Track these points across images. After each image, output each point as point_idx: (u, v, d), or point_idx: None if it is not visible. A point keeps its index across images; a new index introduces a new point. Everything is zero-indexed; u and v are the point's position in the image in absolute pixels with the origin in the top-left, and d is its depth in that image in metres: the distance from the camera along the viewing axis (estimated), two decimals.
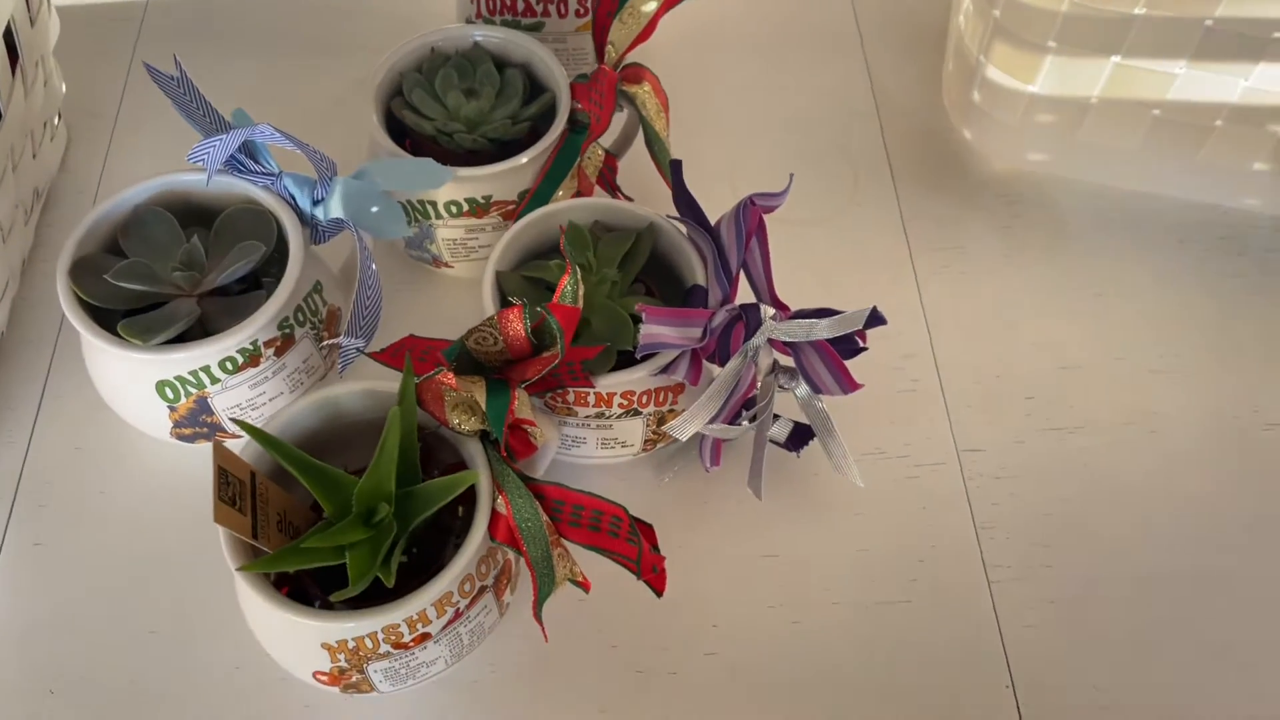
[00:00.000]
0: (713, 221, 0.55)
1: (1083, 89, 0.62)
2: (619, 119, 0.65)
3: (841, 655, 0.54)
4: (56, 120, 0.68)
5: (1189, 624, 0.55)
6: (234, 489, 0.45)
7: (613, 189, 0.66)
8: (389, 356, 0.52)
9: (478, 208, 0.61)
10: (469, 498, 0.49)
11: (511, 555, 0.51)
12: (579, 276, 0.47)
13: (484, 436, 0.49)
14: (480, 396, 0.48)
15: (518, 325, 0.47)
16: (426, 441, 0.51)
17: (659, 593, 0.49)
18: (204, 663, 0.54)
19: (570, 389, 0.53)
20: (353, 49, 0.78)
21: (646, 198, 0.67)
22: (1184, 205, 0.69)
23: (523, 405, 0.49)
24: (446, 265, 0.65)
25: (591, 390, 0.53)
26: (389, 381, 0.50)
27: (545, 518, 0.48)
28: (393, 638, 0.46)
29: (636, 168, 0.67)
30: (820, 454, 0.58)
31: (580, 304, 0.48)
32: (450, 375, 0.47)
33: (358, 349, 0.55)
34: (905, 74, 0.78)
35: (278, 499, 0.48)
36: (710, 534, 0.58)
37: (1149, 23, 0.58)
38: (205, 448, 0.58)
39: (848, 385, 0.53)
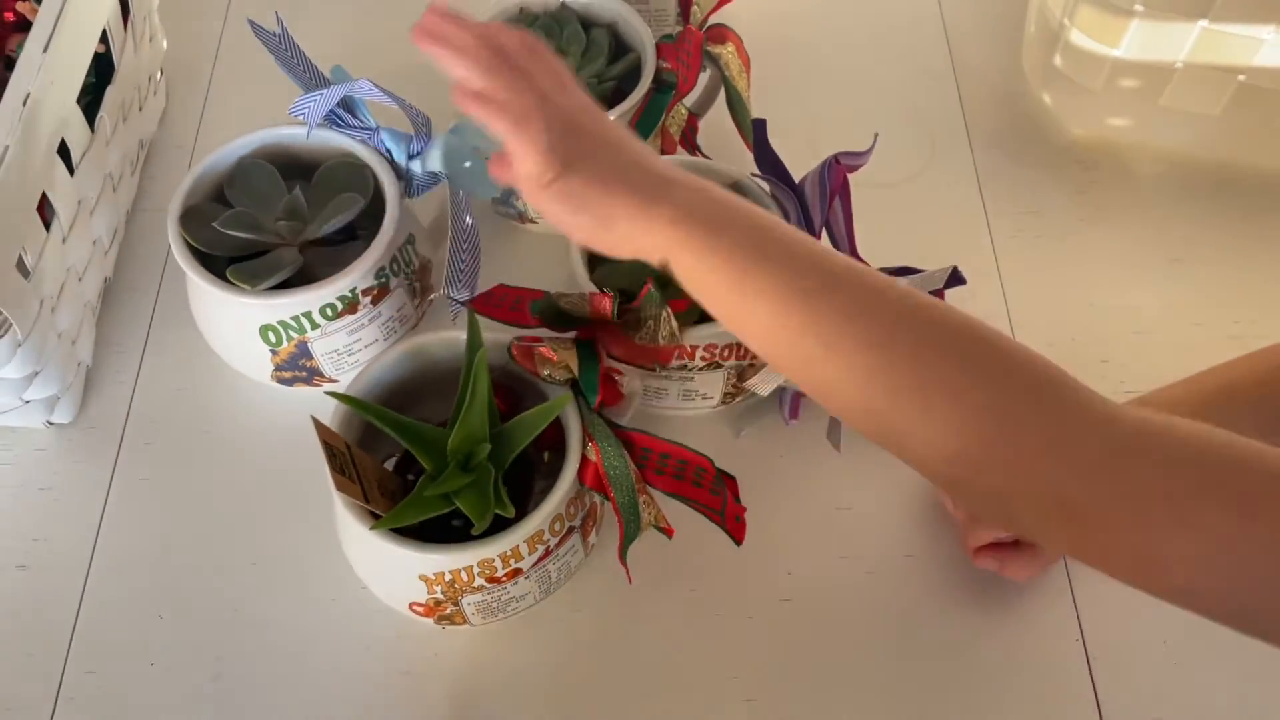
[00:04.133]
0: (795, 180, 0.56)
1: (1167, 54, 0.62)
2: (701, 79, 0.66)
3: (916, 605, 0.56)
4: (159, 75, 0.71)
5: None
6: (340, 460, 0.47)
7: (692, 148, 0.67)
8: (481, 304, 0.55)
9: None
10: (555, 442, 0.51)
11: (598, 499, 0.53)
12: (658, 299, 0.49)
13: (573, 385, 0.51)
14: (573, 364, 0.50)
15: (606, 308, 0.48)
16: (507, 385, 0.53)
17: (738, 541, 0.51)
18: (302, 593, 0.56)
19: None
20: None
21: (723, 157, 0.67)
22: (1265, 173, 0.69)
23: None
24: (531, 221, 0.67)
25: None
26: (462, 332, 0.52)
27: (632, 465, 0.50)
28: (487, 571, 0.49)
29: (714, 128, 0.68)
30: None
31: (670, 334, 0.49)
32: (548, 349, 0.49)
33: (460, 301, 0.57)
34: (983, 37, 0.78)
35: (371, 466, 0.50)
36: (785, 486, 0.59)
37: None
38: (304, 391, 0.60)
39: None
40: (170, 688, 0.54)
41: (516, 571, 0.50)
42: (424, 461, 0.49)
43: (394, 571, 0.50)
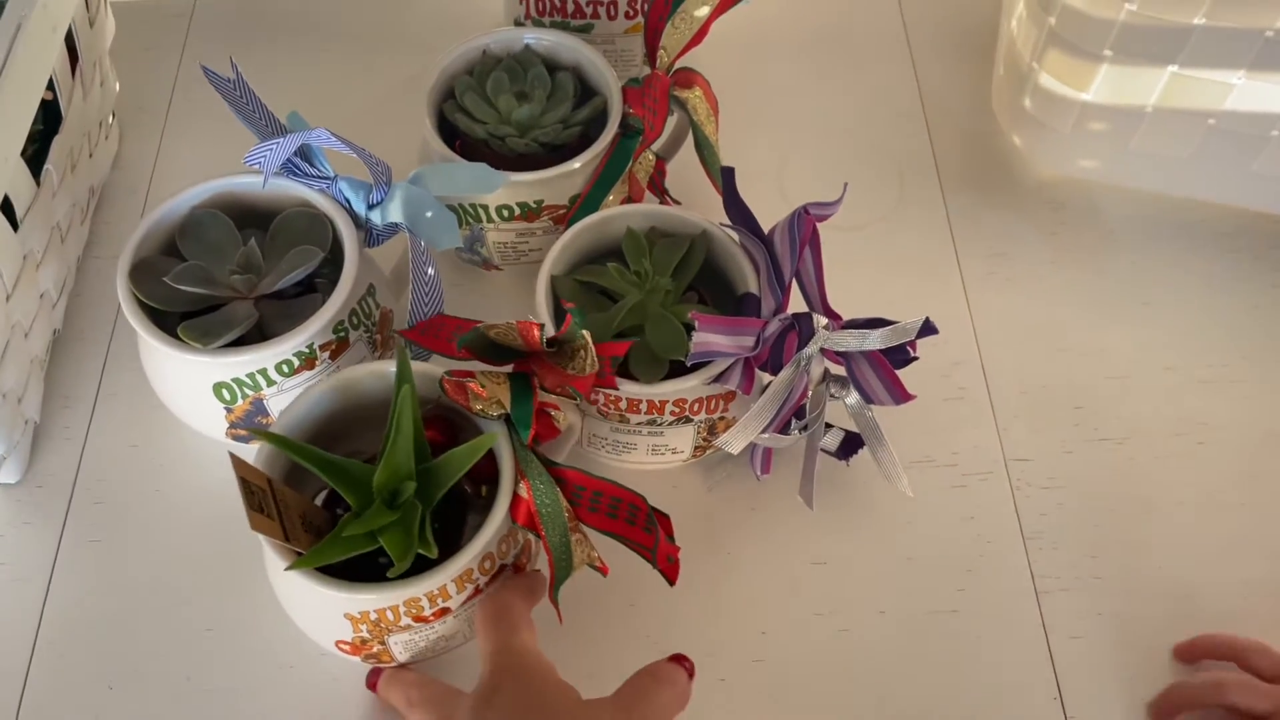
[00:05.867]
0: (764, 230, 0.55)
1: (1137, 98, 0.62)
2: (669, 123, 0.65)
3: (888, 664, 0.54)
4: (111, 119, 0.69)
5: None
6: (258, 497, 0.46)
7: (661, 193, 0.66)
8: (417, 334, 0.53)
9: (529, 212, 0.61)
10: (490, 475, 0.50)
11: (532, 537, 0.52)
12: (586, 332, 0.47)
13: (507, 419, 0.50)
14: (505, 396, 0.49)
15: (534, 335, 0.47)
16: (444, 416, 0.51)
17: (671, 582, 0.50)
18: (259, 660, 0.55)
19: (605, 391, 0.53)
20: (400, 47, 0.79)
21: (692, 201, 0.67)
22: (1236, 214, 0.69)
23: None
24: (496, 268, 0.65)
25: (645, 398, 0.53)
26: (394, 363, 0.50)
27: (565, 503, 0.49)
28: (414, 610, 0.47)
29: (682, 171, 0.67)
30: (869, 462, 0.58)
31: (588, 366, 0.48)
32: (477, 385, 0.47)
33: (420, 350, 0.56)
34: (953, 78, 0.77)
35: (295, 501, 0.49)
36: (759, 540, 0.58)
37: (1208, 33, 0.57)
38: (256, 449, 0.59)
39: (900, 395, 0.53)
40: None
41: (445, 611, 0.48)
42: (349, 499, 0.48)
43: (319, 610, 0.49)
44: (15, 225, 0.55)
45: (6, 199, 0.54)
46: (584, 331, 0.45)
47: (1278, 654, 0.52)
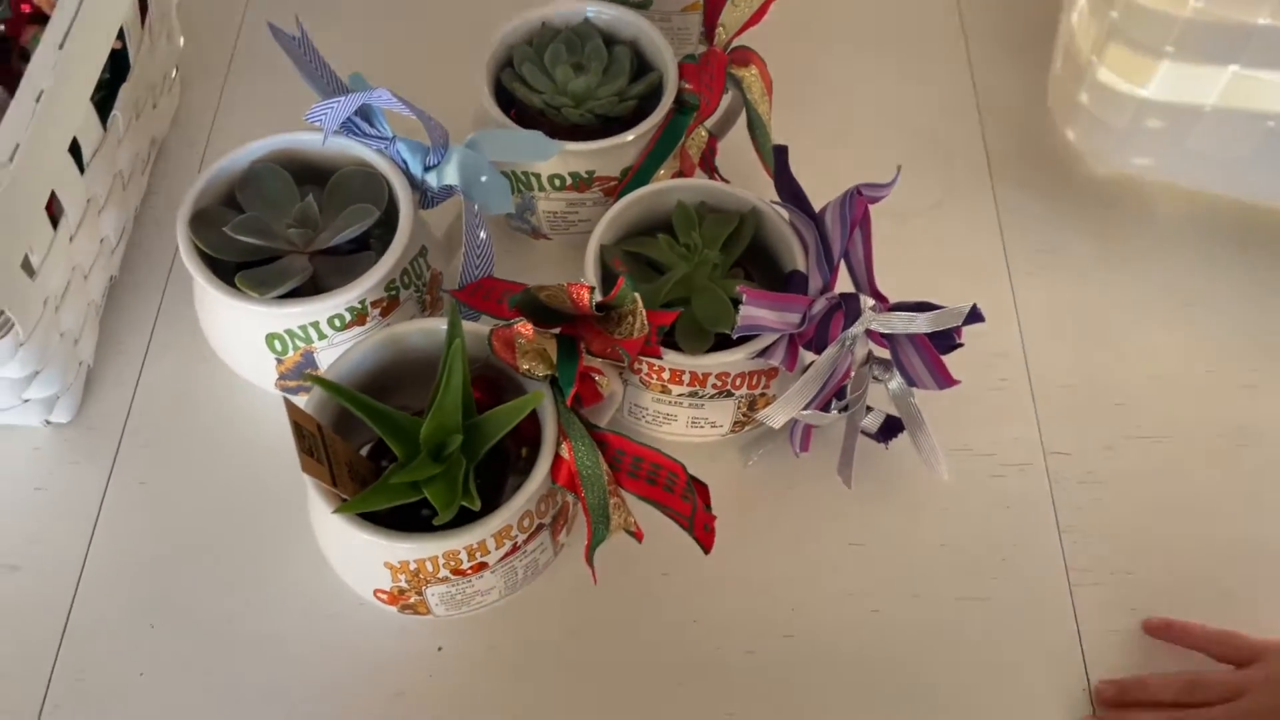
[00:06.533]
0: (815, 209, 0.55)
1: (1196, 96, 0.61)
2: (723, 101, 0.66)
3: (919, 646, 0.55)
4: (174, 73, 0.70)
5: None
6: (309, 441, 0.47)
7: (711, 170, 0.67)
8: (465, 295, 0.54)
9: (580, 182, 0.62)
10: (532, 438, 0.51)
11: (570, 499, 0.53)
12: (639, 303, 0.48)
13: (552, 381, 0.51)
14: (552, 350, 0.49)
15: (584, 298, 0.48)
16: (490, 377, 0.52)
17: (707, 550, 0.50)
18: (299, 609, 0.55)
19: (649, 361, 0.53)
20: (460, 15, 0.79)
21: (740, 179, 0.67)
22: None
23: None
24: (545, 237, 0.66)
25: (688, 369, 0.53)
26: (444, 321, 0.51)
27: (605, 466, 0.49)
28: (452, 563, 0.48)
29: (730, 151, 0.67)
30: (906, 447, 0.58)
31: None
32: (528, 326, 0.48)
33: (469, 310, 0.56)
34: (1008, 70, 0.77)
35: (342, 449, 0.50)
36: (794, 518, 0.58)
37: (1272, 33, 0.57)
38: (303, 400, 0.60)
39: (944, 380, 0.53)
40: (159, 699, 0.53)
41: (482, 565, 0.49)
42: (395, 449, 0.49)
43: (360, 557, 0.50)
44: (81, 169, 0.56)
45: (75, 142, 0.55)
46: (635, 294, 0.45)
47: (1245, 641, 0.52)
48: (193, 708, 0.53)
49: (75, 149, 0.55)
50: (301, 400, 0.50)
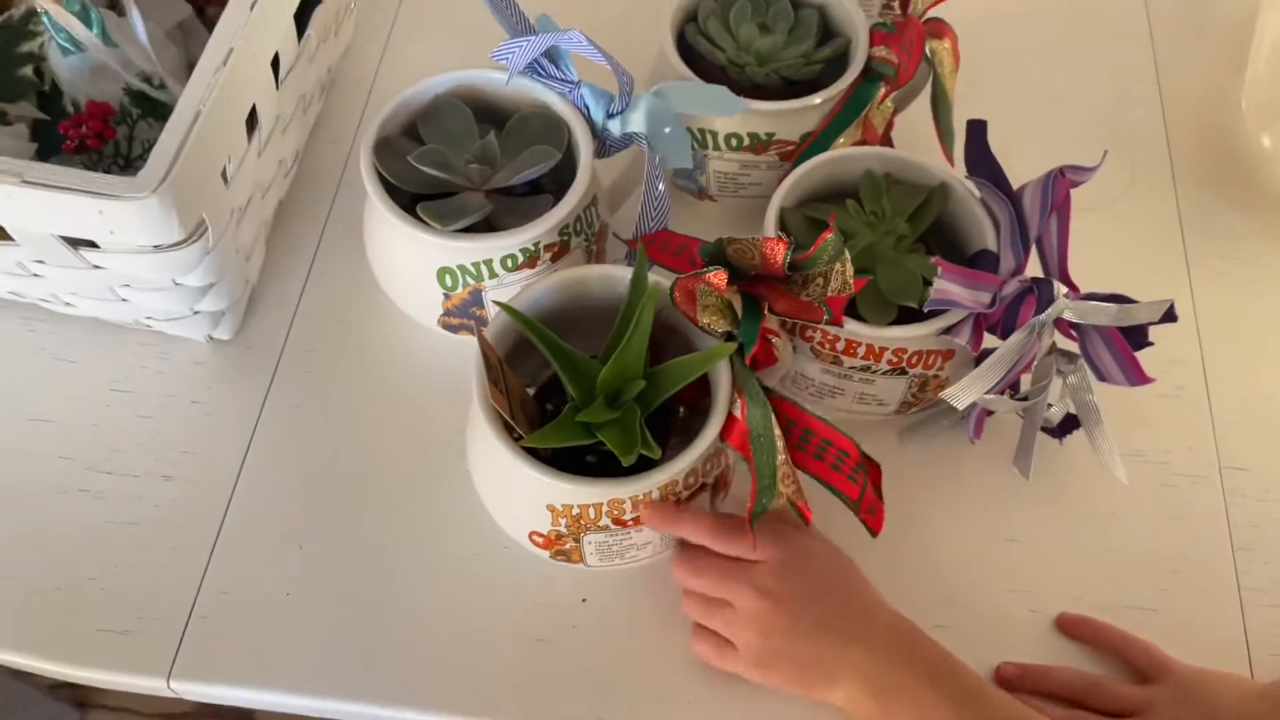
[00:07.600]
0: (1013, 188, 0.53)
1: None
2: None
3: (1080, 652, 0.53)
4: (353, 5, 0.70)
5: None
6: (495, 373, 0.46)
7: (885, 144, 0.65)
8: (648, 245, 0.53)
9: (758, 144, 0.60)
10: (692, 399, 0.50)
11: (732, 459, 0.52)
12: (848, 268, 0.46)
13: (728, 338, 0.49)
14: (737, 305, 0.48)
15: (778, 254, 0.46)
16: (656, 334, 0.51)
17: (874, 533, 0.49)
18: (443, 546, 0.55)
19: (825, 329, 0.52)
20: None
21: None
22: None
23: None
24: (710, 198, 0.64)
25: (866, 341, 0.52)
26: (628, 268, 0.50)
27: (779, 430, 0.48)
28: (615, 512, 0.47)
29: (903, 125, 0.65)
30: (1077, 445, 0.55)
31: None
32: (721, 275, 0.47)
33: (626, 241, 0.55)
34: (1195, 67, 0.74)
35: (516, 386, 0.49)
36: (951, 508, 0.57)
37: None
38: (466, 340, 0.59)
39: (1136, 376, 0.50)
40: (304, 620, 0.53)
41: None
42: (571, 389, 0.48)
43: (521, 497, 0.49)
44: (277, 83, 0.56)
45: (276, 57, 0.55)
46: (845, 250, 0.44)
47: (1158, 655, 0.51)
48: (336, 632, 0.53)
49: (274, 64, 0.55)
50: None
